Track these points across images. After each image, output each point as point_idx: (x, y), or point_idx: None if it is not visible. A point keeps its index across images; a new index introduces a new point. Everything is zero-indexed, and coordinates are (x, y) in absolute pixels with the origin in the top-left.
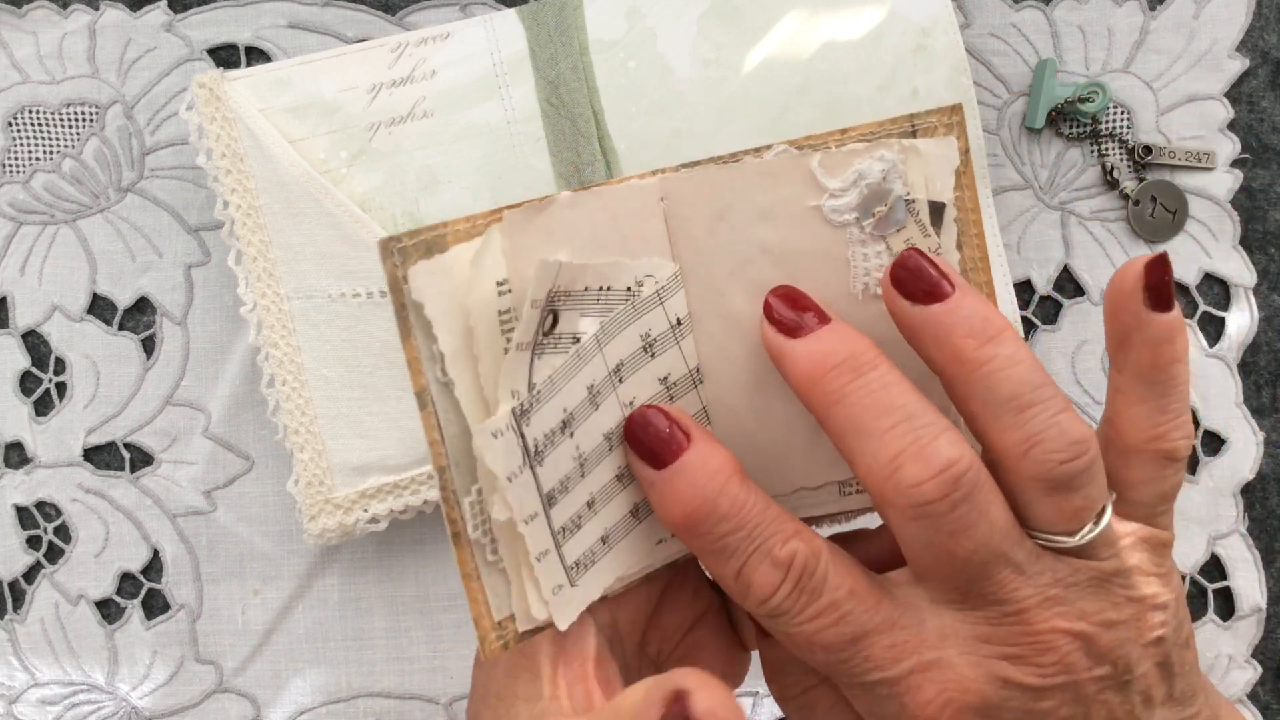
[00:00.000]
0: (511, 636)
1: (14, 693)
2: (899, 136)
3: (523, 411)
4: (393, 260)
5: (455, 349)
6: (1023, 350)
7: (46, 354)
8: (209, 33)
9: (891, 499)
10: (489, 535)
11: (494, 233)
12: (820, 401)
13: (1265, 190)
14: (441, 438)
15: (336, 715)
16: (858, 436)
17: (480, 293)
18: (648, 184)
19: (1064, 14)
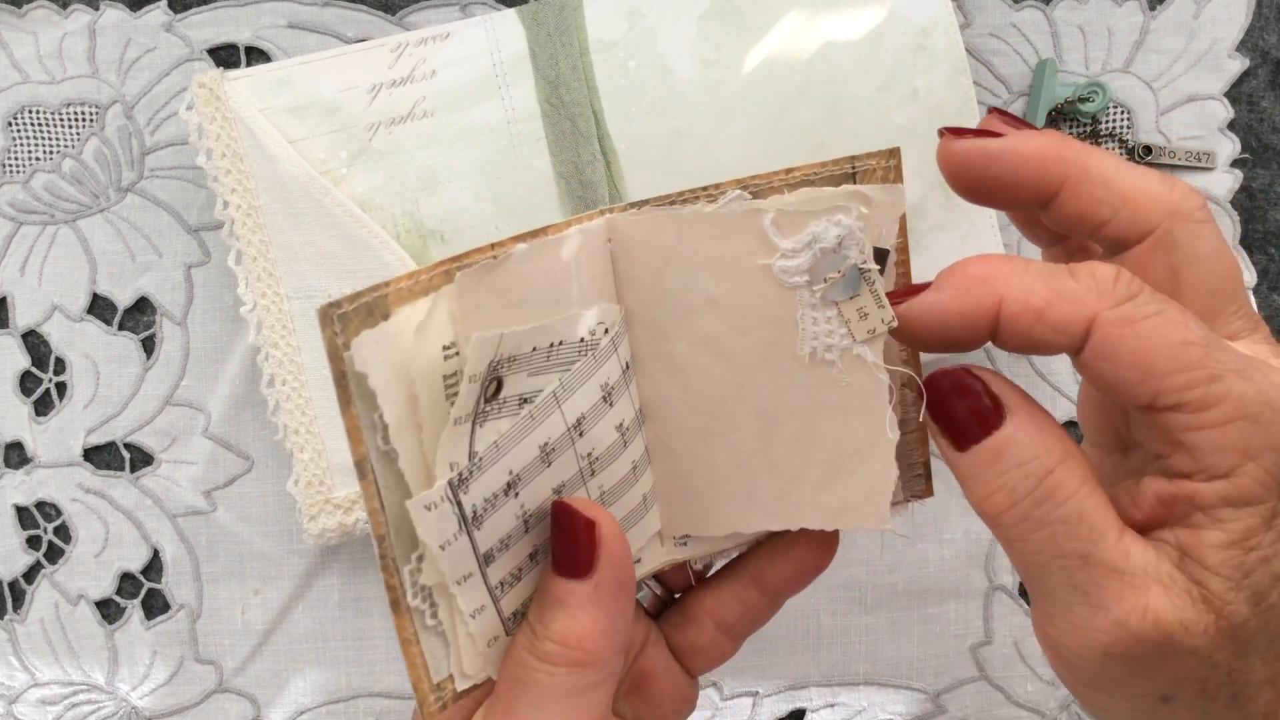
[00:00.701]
0: (450, 696)
1: (14, 693)
2: (841, 179)
3: (460, 480)
4: (332, 329)
5: (398, 418)
6: None
7: (46, 354)
8: (209, 33)
9: (1181, 208)
10: (428, 600)
11: (442, 297)
12: (1075, 158)
13: (1265, 190)
14: (381, 506)
15: (336, 715)
16: (1124, 174)
17: (425, 359)
18: (595, 225)
19: (1064, 14)
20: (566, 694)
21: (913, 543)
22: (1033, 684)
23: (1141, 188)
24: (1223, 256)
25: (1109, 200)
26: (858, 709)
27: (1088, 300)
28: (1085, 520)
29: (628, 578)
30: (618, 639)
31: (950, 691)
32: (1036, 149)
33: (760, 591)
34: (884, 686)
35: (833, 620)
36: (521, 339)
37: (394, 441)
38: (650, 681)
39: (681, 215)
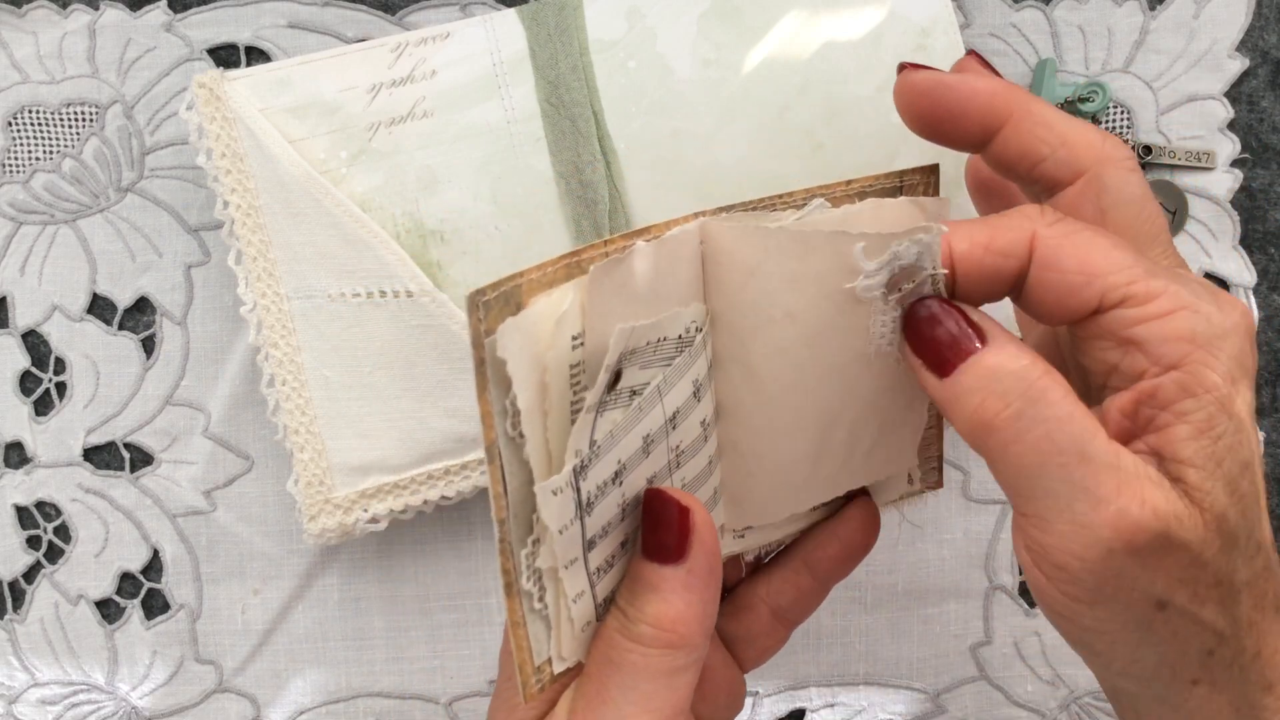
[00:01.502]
0: (548, 678)
1: (14, 693)
2: (890, 192)
3: (582, 468)
4: (477, 314)
5: (529, 405)
6: None
7: (46, 354)
8: (209, 33)
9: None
10: (538, 584)
11: (572, 288)
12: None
13: (1265, 190)
14: (505, 490)
15: (336, 715)
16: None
17: (559, 350)
18: (691, 229)
19: (1064, 14)
20: (658, 674)
21: (912, 543)
22: (1033, 684)
23: (1078, 132)
24: (1148, 202)
25: (1048, 139)
26: (858, 709)
27: (1025, 224)
28: (1078, 421)
29: (718, 564)
30: (708, 623)
31: (950, 691)
32: (987, 85)
33: (811, 575)
34: (884, 686)
35: (833, 620)
36: (642, 333)
37: (523, 427)
38: (706, 675)
39: (769, 232)
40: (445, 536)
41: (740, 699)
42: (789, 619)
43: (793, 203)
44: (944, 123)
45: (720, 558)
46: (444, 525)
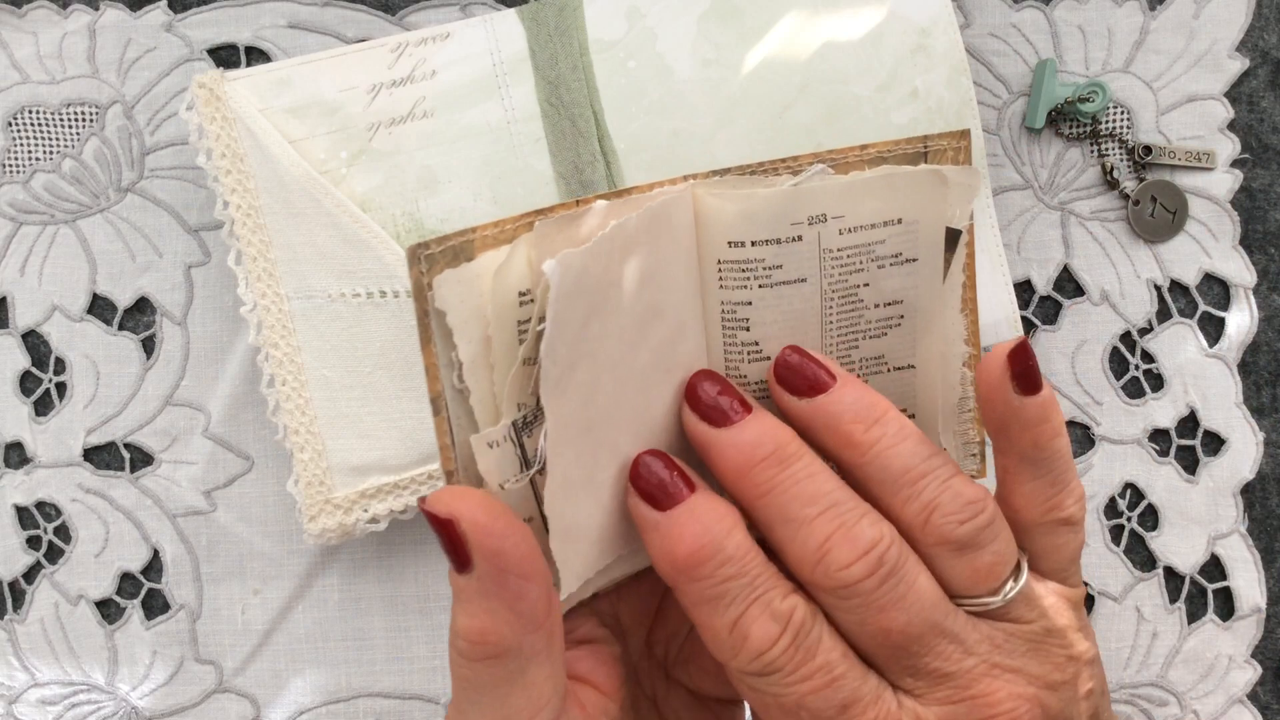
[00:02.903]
0: None
1: (14, 693)
2: (914, 157)
3: (525, 423)
4: (419, 267)
5: (473, 357)
6: (905, 425)
7: (46, 354)
8: (209, 33)
9: (823, 583)
10: None
11: (521, 243)
12: (749, 493)
13: (1265, 190)
14: (453, 442)
15: (336, 715)
16: (787, 526)
17: (501, 302)
18: (680, 190)
19: (1064, 14)
20: (492, 685)
21: None
22: None
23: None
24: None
25: (770, 540)
26: None
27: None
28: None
29: (514, 561)
30: (521, 623)
31: None
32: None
33: None
34: None
35: None
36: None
37: (467, 379)
38: (703, 656)
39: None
40: None
41: None
42: None
43: (794, 167)
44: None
45: (517, 551)
46: None
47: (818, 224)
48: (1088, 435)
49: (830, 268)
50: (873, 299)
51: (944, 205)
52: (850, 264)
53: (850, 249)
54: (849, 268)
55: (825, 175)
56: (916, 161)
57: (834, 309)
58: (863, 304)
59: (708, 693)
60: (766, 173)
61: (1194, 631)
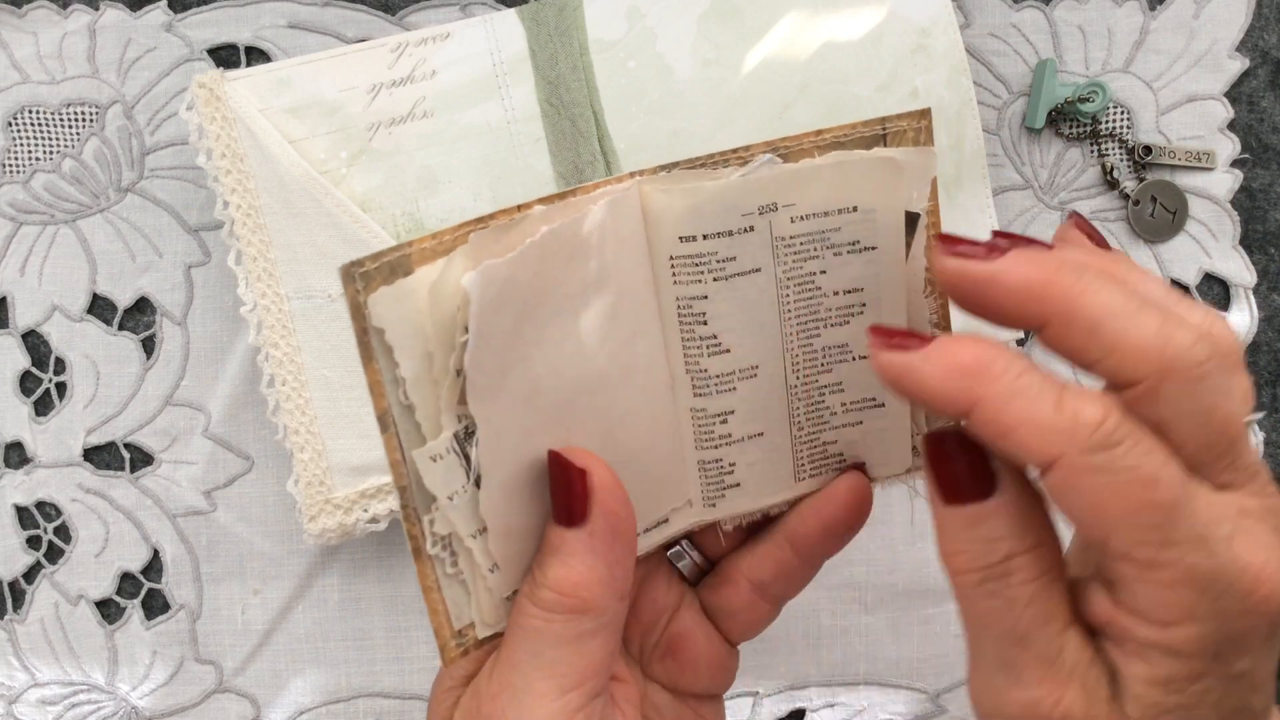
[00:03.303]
0: (471, 643)
1: (14, 693)
2: (872, 141)
3: (468, 434)
4: (354, 286)
5: (415, 373)
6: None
7: (46, 354)
8: (209, 33)
9: (1175, 365)
10: (449, 549)
11: (457, 255)
12: (1061, 298)
13: (1265, 190)
14: (403, 458)
15: (336, 715)
16: (1116, 319)
17: (440, 317)
18: (623, 189)
19: (1064, 14)
20: (563, 641)
21: (912, 543)
22: None
23: (1130, 337)
24: (1217, 411)
25: (1090, 348)
26: (858, 709)
27: (1058, 439)
28: (1033, 607)
29: (624, 526)
30: (614, 586)
31: (950, 691)
32: (1019, 281)
33: (794, 551)
34: (884, 686)
35: (833, 620)
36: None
37: (411, 396)
38: (685, 645)
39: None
40: None
41: (730, 670)
42: (772, 594)
43: (744, 157)
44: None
45: (630, 521)
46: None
47: (768, 213)
48: None
49: (784, 256)
50: (831, 286)
51: (900, 190)
52: (804, 251)
53: (803, 236)
54: (802, 254)
55: (774, 165)
56: (874, 144)
57: (791, 297)
58: (820, 291)
59: (686, 689)
60: (716, 164)
61: None
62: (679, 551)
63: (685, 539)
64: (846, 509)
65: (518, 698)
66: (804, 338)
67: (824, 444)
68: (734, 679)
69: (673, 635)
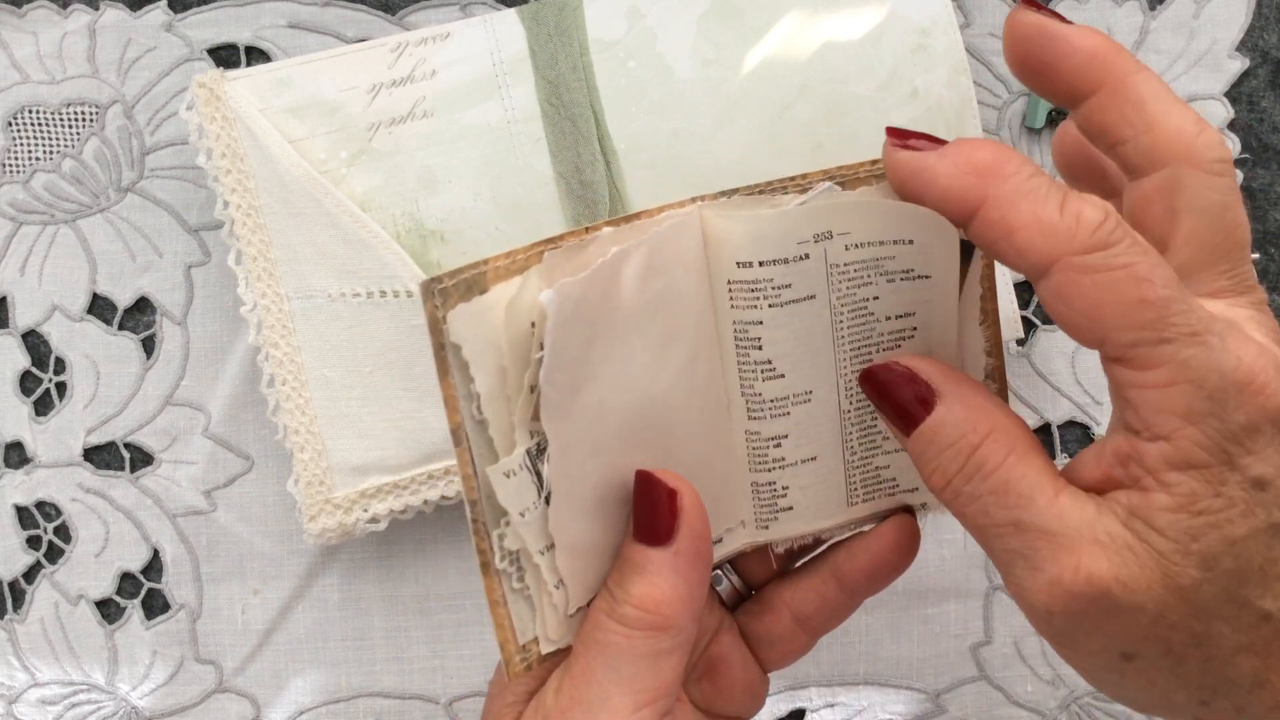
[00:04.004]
0: (535, 658)
1: (14, 693)
2: None
3: (540, 450)
4: (433, 302)
5: (490, 389)
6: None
7: (46, 354)
8: (209, 33)
9: (1204, 154)
10: (516, 564)
11: (532, 274)
12: (1118, 70)
13: (1265, 190)
14: (475, 472)
15: (336, 715)
16: (1160, 102)
17: (514, 334)
18: (687, 212)
19: (1064, 14)
20: (641, 657)
21: None
22: (1033, 684)
23: (1169, 120)
24: (1227, 213)
25: (1133, 121)
26: (858, 709)
27: (1060, 238)
28: (1013, 489)
29: (706, 548)
30: (694, 606)
31: (950, 691)
32: (1088, 44)
33: (839, 587)
34: (884, 686)
35: None
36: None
37: (485, 411)
38: (722, 669)
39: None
40: (445, 536)
41: (760, 697)
42: (812, 626)
43: (802, 185)
44: (1037, 75)
45: (709, 542)
46: (444, 525)
47: (824, 240)
48: (1088, 435)
49: (838, 282)
50: (884, 311)
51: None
52: (858, 278)
53: (857, 264)
54: (856, 281)
55: (833, 193)
56: None
57: (844, 323)
58: (873, 317)
59: (719, 712)
60: (775, 191)
61: None
62: (718, 575)
63: (727, 563)
64: (896, 549)
65: (591, 711)
66: (856, 363)
67: (876, 469)
68: (763, 706)
69: (711, 657)
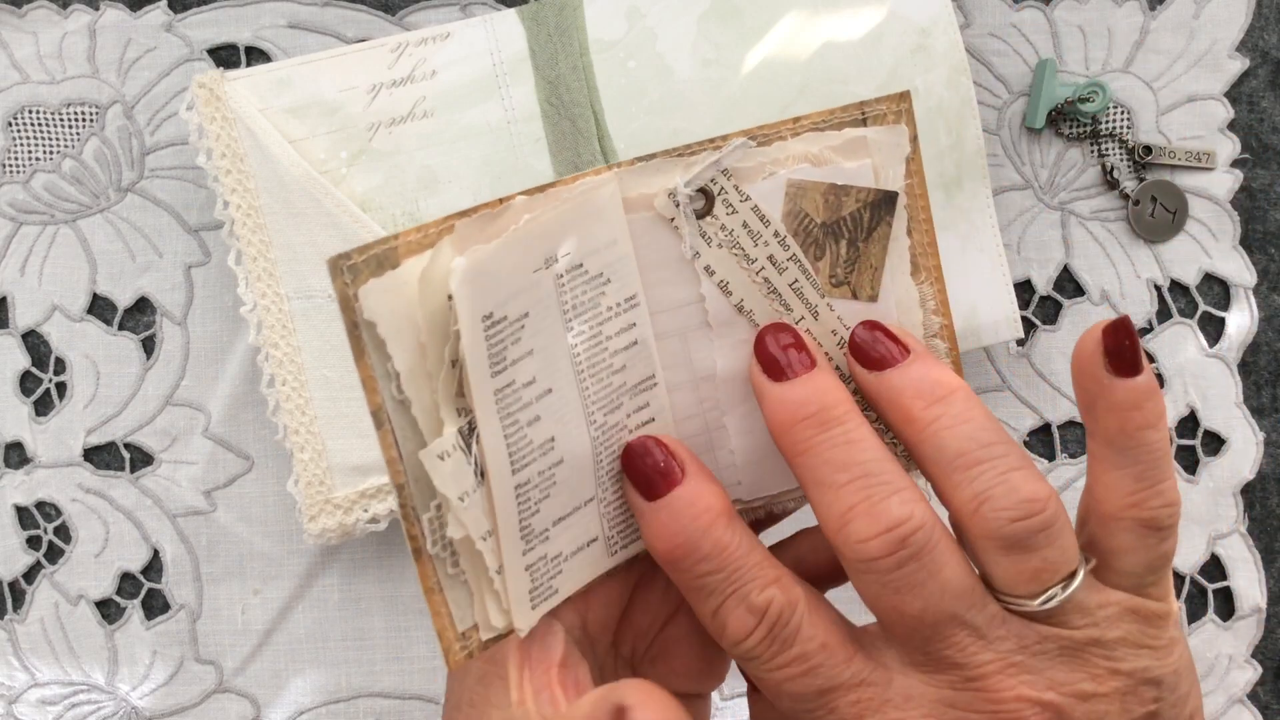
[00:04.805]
0: (475, 645)
1: (14, 693)
2: (850, 125)
3: (471, 429)
4: (343, 279)
5: (410, 367)
6: (975, 409)
7: (46, 354)
8: (209, 33)
9: (842, 551)
10: (449, 549)
11: (444, 245)
12: (788, 450)
13: (1265, 190)
14: (399, 455)
15: (336, 715)
16: (816, 488)
17: (430, 308)
18: (604, 179)
19: (1064, 14)
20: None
21: None
22: None
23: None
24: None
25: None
26: None
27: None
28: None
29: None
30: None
31: None
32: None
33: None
34: None
35: None
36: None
37: (407, 390)
38: (675, 650)
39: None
40: None
41: (720, 673)
42: None
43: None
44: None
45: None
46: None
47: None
48: None
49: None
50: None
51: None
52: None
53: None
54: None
55: (747, 149)
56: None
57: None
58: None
59: (676, 689)
60: (695, 152)
61: (1194, 631)
62: None
63: None
64: None
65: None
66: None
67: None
68: (724, 678)
69: (667, 639)
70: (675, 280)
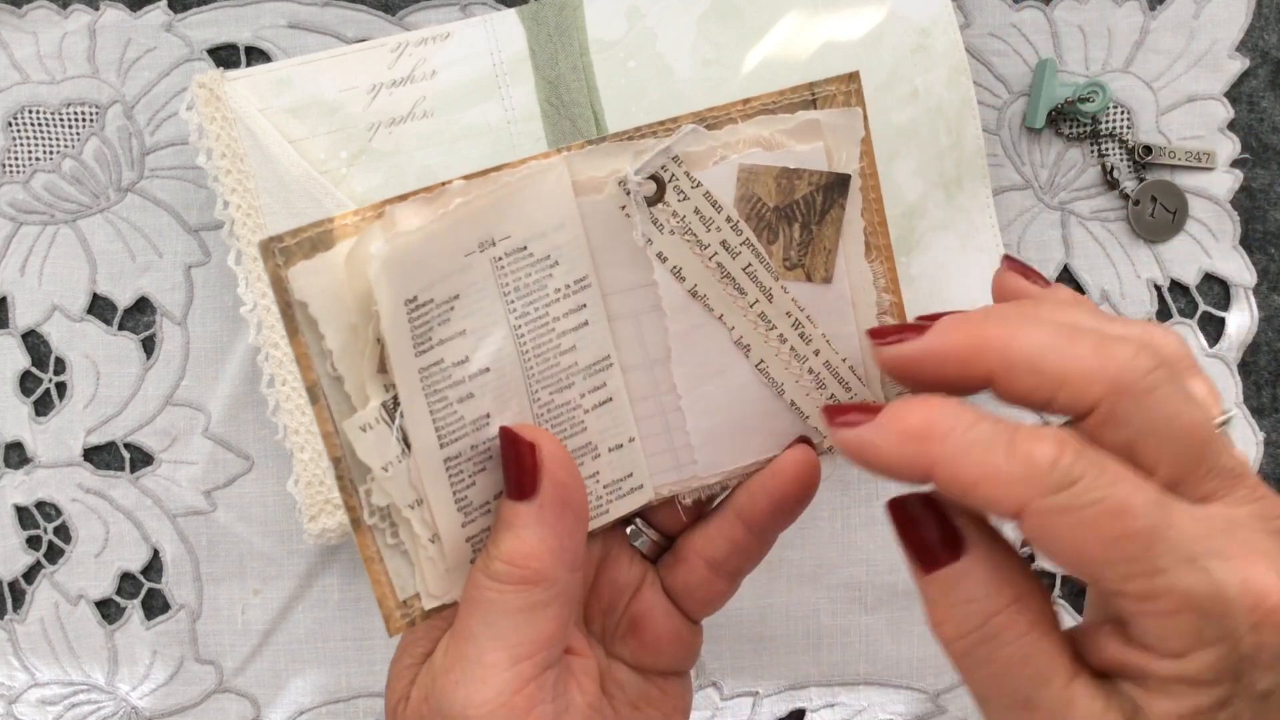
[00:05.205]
0: (417, 614)
1: (14, 693)
2: (800, 106)
3: (396, 403)
4: (275, 260)
5: (342, 345)
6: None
7: (46, 354)
8: (209, 33)
9: (1119, 381)
10: (388, 520)
11: (375, 229)
12: (996, 349)
13: (1265, 190)
14: (335, 429)
15: (336, 715)
16: (1053, 352)
17: (358, 289)
18: (551, 163)
19: (1064, 14)
20: (515, 611)
21: None
22: None
23: (1075, 366)
24: (1180, 419)
25: (1041, 386)
26: (858, 709)
27: (1016, 487)
28: (1030, 664)
29: (573, 498)
30: (565, 557)
31: (950, 691)
32: (951, 346)
33: (746, 529)
34: (884, 686)
35: (833, 620)
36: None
37: (339, 367)
38: (645, 623)
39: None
40: None
41: (693, 648)
42: (727, 571)
43: (666, 130)
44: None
45: (580, 493)
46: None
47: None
48: None
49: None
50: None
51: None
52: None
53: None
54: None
55: (697, 134)
56: (807, 109)
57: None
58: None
59: (649, 666)
60: (644, 136)
61: None
62: (636, 530)
63: (639, 518)
64: (794, 482)
65: (470, 669)
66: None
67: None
68: (698, 655)
69: (634, 614)
70: (628, 263)
